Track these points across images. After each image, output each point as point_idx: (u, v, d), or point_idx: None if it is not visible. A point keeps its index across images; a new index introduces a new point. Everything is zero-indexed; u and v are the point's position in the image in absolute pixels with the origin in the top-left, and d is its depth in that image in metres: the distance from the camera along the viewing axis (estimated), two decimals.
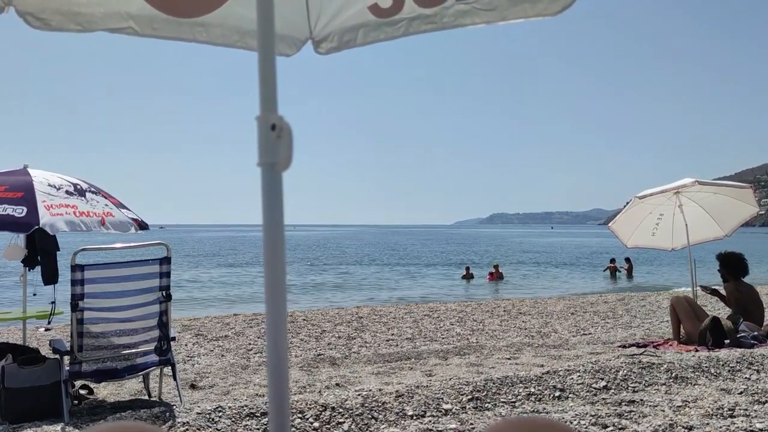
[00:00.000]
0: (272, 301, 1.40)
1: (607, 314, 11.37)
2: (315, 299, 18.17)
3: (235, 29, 2.53)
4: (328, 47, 2.65)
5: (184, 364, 7.01)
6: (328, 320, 10.89)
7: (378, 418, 3.96)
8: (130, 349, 4.80)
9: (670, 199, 8.32)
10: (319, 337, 9.04)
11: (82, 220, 4.95)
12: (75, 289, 4.59)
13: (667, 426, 3.58)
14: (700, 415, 3.82)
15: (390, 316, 11.56)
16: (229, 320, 11.14)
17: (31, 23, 2.17)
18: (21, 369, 4.69)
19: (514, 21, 2.42)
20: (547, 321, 10.63)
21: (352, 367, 6.69)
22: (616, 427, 3.64)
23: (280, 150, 1.44)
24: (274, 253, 1.41)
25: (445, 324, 10.37)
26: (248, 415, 3.99)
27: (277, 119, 1.46)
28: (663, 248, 9.12)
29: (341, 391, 4.69)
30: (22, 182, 5.09)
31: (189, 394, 5.44)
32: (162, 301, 4.90)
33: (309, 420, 3.93)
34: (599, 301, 14.00)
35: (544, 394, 4.44)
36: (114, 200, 5.54)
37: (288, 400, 1.37)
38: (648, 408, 4.02)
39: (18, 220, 4.71)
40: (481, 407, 4.19)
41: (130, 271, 4.80)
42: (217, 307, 16.24)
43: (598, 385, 4.62)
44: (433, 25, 2.48)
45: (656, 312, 11.47)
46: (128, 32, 2.32)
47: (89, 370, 4.69)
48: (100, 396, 5.44)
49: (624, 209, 8.91)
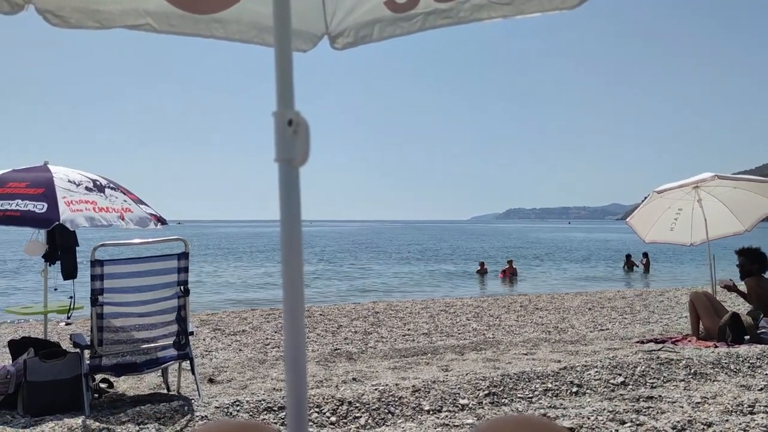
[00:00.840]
0: (290, 295, 1.41)
1: (625, 310, 11.29)
2: (331, 294, 18.22)
3: (252, 25, 2.54)
4: (344, 42, 2.65)
5: (202, 359, 7.07)
6: (345, 315, 10.92)
7: (394, 412, 3.97)
8: (149, 343, 4.84)
9: (689, 193, 8.23)
10: (335, 332, 9.07)
11: (101, 216, 5.00)
12: (94, 284, 4.64)
13: (685, 422, 3.55)
14: (720, 411, 3.78)
15: (406, 311, 11.57)
16: (247, 315, 11.21)
17: (50, 21, 2.20)
18: (43, 363, 4.75)
19: (531, 15, 2.41)
20: (564, 316, 10.58)
21: (369, 361, 6.70)
22: (633, 423, 3.62)
23: (297, 146, 1.45)
24: (292, 248, 1.42)
25: (461, 319, 10.36)
26: (266, 409, 4.02)
27: (293, 115, 1.47)
28: (682, 243, 9.03)
29: (358, 386, 4.70)
30: (42, 179, 5.15)
31: (207, 388, 5.49)
32: (180, 296, 4.94)
33: (326, 414, 3.95)
34: (617, 296, 13.90)
35: (561, 390, 4.43)
36: (132, 196, 5.59)
37: (306, 394, 1.38)
38: (666, 404, 3.99)
39: (39, 216, 4.76)
40: (497, 402, 4.19)
41: (149, 267, 4.84)
42: (234, 301, 16.34)
43: (616, 380, 4.59)
44: (449, 20, 2.47)
45: (674, 308, 11.37)
46: (146, 29, 2.34)
47: (109, 364, 4.74)
48: (120, 390, 5.50)
49: (642, 204, 8.84)
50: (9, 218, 4.71)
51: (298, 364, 1.40)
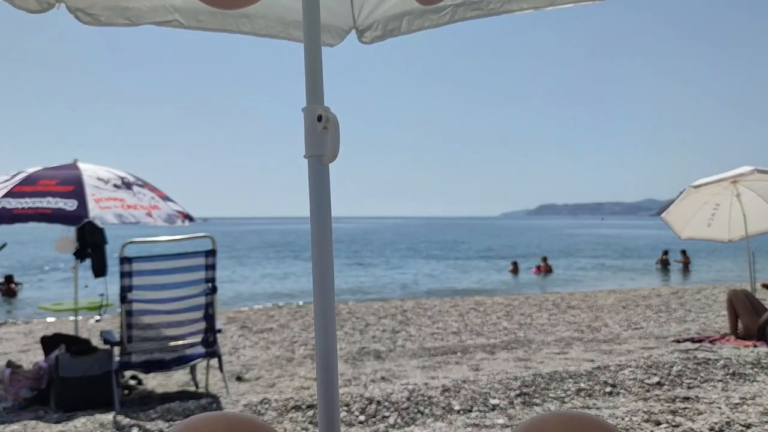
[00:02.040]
0: (320, 292, 1.37)
1: (660, 308, 11.08)
2: (358, 291, 18.22)
3: (279, 20, 2.51)
4: (372, 36, 2.60)
5: (230, 356, 7.09)
6: (373, 313, 10.89)
7: (424, 412, 3.92)
8: (177, 340, 4.86)
9: (727, 188, 8.02)
10: (363, 330, 9.05)
11: (130, 213, 5.04)
12: (124, 282, 4.67)
13: (723, 424, 3.44)
14: (759, 413, 3.66)
15: (435, 309, 11.50)
16: (274, 312, 11.25)
17: (81, 19, 2.20)
18: (74, 359, 4.80)
19: (563, 6, 2.34)
20: (598, 315, 10.42)
21: (398, 360, 6.66)
22: (669, 424, 3.52)
23: (327, 142, 1.41)
24: (322, 245, 1.38)
25: (491, 318, 10.26)
26: (294, 408, 4.00)
27: (323, 110, 1.42)
28: (719, 240, 8.80)
29: (387, 385, 4.66)
30: (72, 176, 5.21)
31: (235, 386, 5.50)
32: (208, 293, 4.95)
33: (355, 413, 3.92)
34: (652, 294, 13.65)
35: (595, 390, 4.33)
36: (160, 193, 5.62)
37: (337, 392, 1.34)
38: (704, 405, 3.88)
39: (69, 213, 4.81)
40: (529, 403, 4.11)
41: (177, 264, 4.86)
42: (262, 299, 16.43)
43: (651, 380, 4.48)
44: (479, 12, 2.41)
45: (712, 306, 11.12)
46: (174, 25, 2.33)
47: (138, 360, 4.77)
48: (149, 386, 5.54)
49: (678, 199, 8.62)
50: (41, 215, 4.78)
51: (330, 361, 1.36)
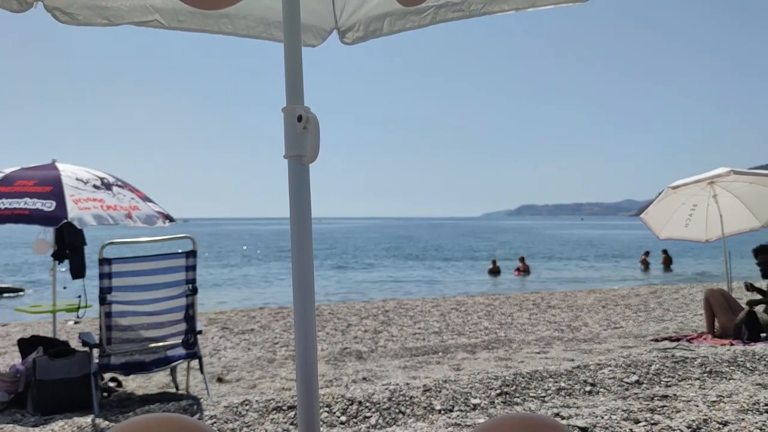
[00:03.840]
0: (300, 292, 1.37)
1: (639, 307, 11.19)
2: (340, 292, 18.19)
3: (260, 20, 2.50)
4: (353, 37, 2.61)
5: (210, 358, 7.05)
6: (354, 314, 10.88)
7: (405, 412, 3.93)
8: (157, 342, 4.82)
9: (704, 189, 8.13)
10: (345, 330, 9.04)
11: (109, 214, 4.99)
12: (103, 283, 4.62)
13: (701, 421, 3.49)
14: (736, 410, 3.71)
15: (417, 309, 11.52)
16: (255, 314, 11.20)
17: (59, 18, 2.17)
18: (52, 361, 4.74)
19: (544, 7, 2.36)
20: (578, 314, 10.50)
21: (379, 360, 6.66)
22: (648, 422, 3.55)
23: (307, 142, 1.41)
24: (302, 246, 1.38)
25: (472, 317, 10.29)
26: (275, 409, 3.98)
27: (303, 110, 1.42)
28: (696, 240, 8.92)
29: (368, 385, 4.66)
30: (50, 176, 5.14)
31: (216, 388, 5.46)
32: (188, 295, 4.92)
33: (336, 414, 3.91)
34: (631, 294, 13.79)
35: (575, 389, 4.37)
36: (140, 194, 5.57)
37: (317, 393, 1.34)
38: (681, 403, 3.93)
39: (47, 214, 4.75)
40: (510, 402, 4.13)
41: (157, 265, 4.82)
42: (242, 300, 16.34)
43: (630, 379, 4.53)
44: (461, 13, 2.43)
45: (689, 305, 11.26)
46: (154, 25, 2.32)
47: (118, 362, 4.72)
48: (129, 389, 5.49)
49: (656, 200, 8.72)
50: (19, 216, 4.72)
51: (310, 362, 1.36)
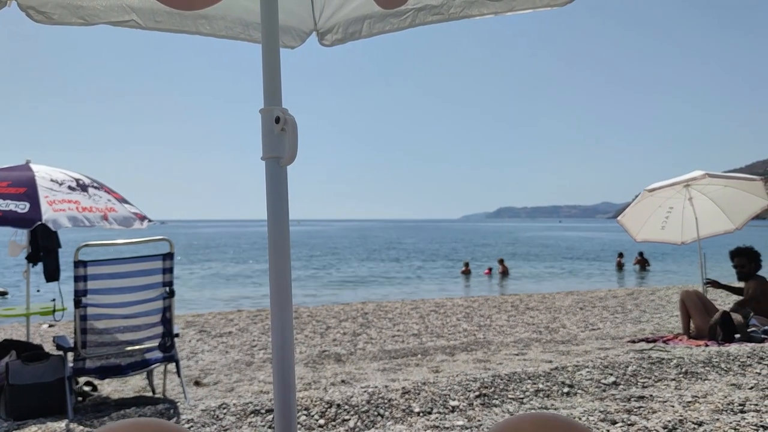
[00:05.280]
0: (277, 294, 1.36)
1: (616, 309, 11.30)
2: (319, 295, 18.13)
3: (238, 21, 2.49)
4: (332, 39, 2.60)
5: (188, 361, 6.99)
6: (333, 316, 10.85)
7: (384, 414, 3.92)
8: (133, 345, 4.77)
9: (680, 192, 8.24)
10: (324, 333, 9.01)
11: (84, 216, 4.91)
12: (78, 286, 4.56)
13: (676, 422, 3.53)
14: (710, 410, 3.76)
15: (396, 311, 11.52)
16: (233, 316, 11.12)
17: (33, 17, 2.14)
18: (25, 366, 4.66)
19: (522, 12, 2.37)
20: (556, 316, 10.57)
21: (358, 363, 6.65)
22: (625, 423, 3.58)
23: (285, 143, 1.40)
24: (280, 248, 1.37)
25: (451, 320, 10.32)
26: (253, 412, 3.96)
27: (281, 112, 1.41)
28: (672, 242, 9.04)
29: (347, 388, 4.65)
30: (24, 178, 5.06)
31: (193, 391, 5.42)
32: (165, 297, 4.87)
33: (314, 417, 3.90)
34: (608, 295, 13.92)
35: (553, 390, 4.39)
36: (116, 195, 5.50)
37: (294, 396, 1.33)
38: (657, 404, 3.97)
39: (21, 215, 4.67)
40: (488, 404, 4.15)
41: (133, 267, 4.77)
42: (220, 303, 16.23)
43: (607, 380, 4.57)
44: (440, 16, 2.43)
45: (666, 307, 11.39)
46: (131, 25, 2.29)
47: (93, 366, 4.66)
48: (104, 393, 5.42)
49: (633, 202, 8.83)
50: None
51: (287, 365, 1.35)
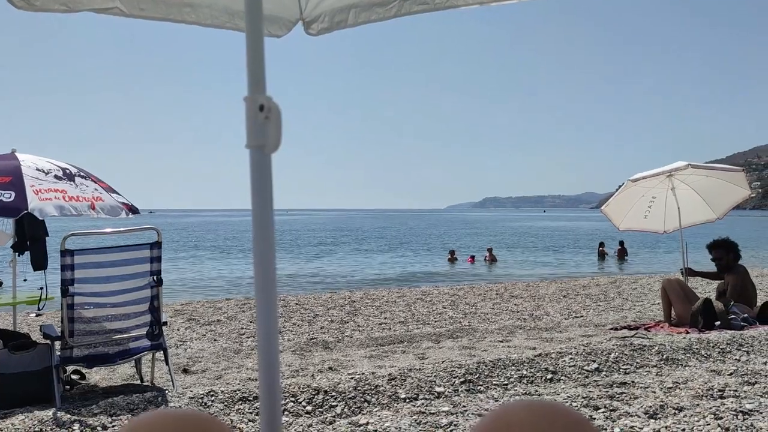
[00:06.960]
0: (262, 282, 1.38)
1: (599, 297, 11.42)
2: (307, 284, 18.15)
3: (224, 10, 2.48)
4: (319, 28, 2.61)
5: (176, 349, 7.00)
6: (321, 304, 10.89)
7: (371, 401, 3.97)
8: (121, 334, 4.78)
9: (663, 182, 8.33)
10: (311, 321, 9.04)
11: (71, 205, 4.89)
12: (65, 275, 4.56)
13: (657, 407, 3.60)
14: (691, 396, 3.84)
15: (383, 299, 11.57)
16: (222, 305, 11.12)
17: (14, 3, 2.12)
18: (12, 355, 4.66)
19: (507, 2, 2.39)
20: (540, 304, 10.67)
21: (345, 350, 6.70)
22: (607, 408, 3.65)
23: (269, 132, 1.41)
24: (264, 237, 1.39)
25: (437, 307, 10.39)
26: (240, 399, 3.99)
27: (265, 100, 1.43)
28: (655, 231, 9.14)
29: (334, 375, 4.69)
30: (9, 167, 5.01)
31: (181, 379, 5.44)
32: (153, 286, 4.88)
33: (302, 403, 3.93)
34: (591, 284, 14.05)
35: (536, 377, 4.46)
36: (104, 185, 5.48)
37: (279, 383, 1.35)
38: (639, 390, 4.04)
39: (6, 204, 4.64)
40: (473, 390, 4.20)
41: (121, 256, 4.77)
42: (209, 291, 16.20)
43: (590, 367, 4.64)
44: (426, 6, 2.44)
45: (647, 294, 11.52)
46: (115, 13, 2.27)
47: (81, 355, 4.67)
48: (92, 381, 5.43)
49: (617, 192, 8.91)
50: None
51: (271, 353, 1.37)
